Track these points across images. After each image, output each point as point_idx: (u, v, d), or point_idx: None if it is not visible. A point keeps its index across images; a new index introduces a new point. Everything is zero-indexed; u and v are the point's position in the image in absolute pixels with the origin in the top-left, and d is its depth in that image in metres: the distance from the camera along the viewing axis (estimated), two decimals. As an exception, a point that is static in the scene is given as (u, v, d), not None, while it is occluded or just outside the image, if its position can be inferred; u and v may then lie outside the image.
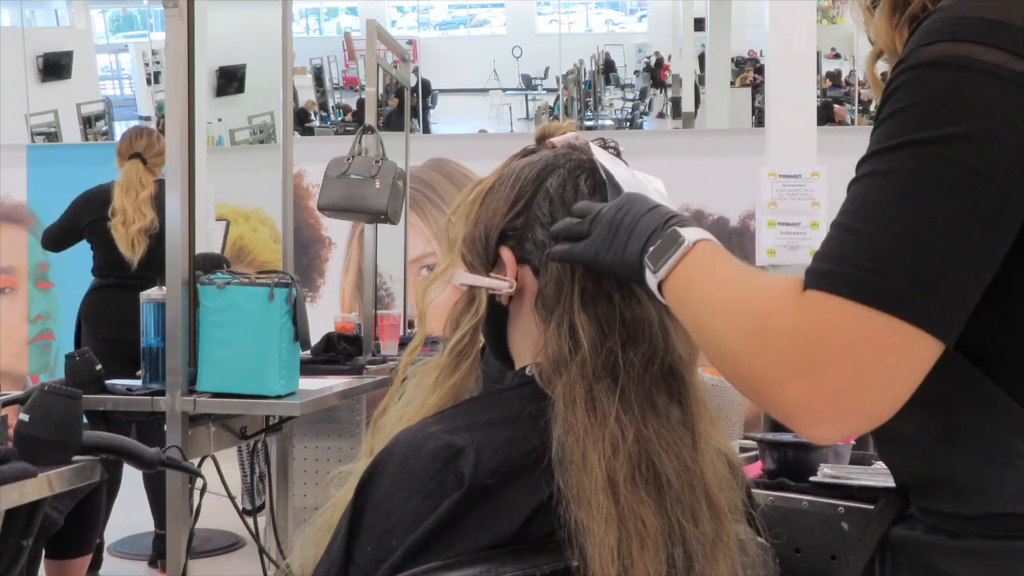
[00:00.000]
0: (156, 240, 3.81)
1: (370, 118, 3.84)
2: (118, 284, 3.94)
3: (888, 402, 0.76)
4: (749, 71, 12.18)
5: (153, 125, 10.70)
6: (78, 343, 4.01)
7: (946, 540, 0.84)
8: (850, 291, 0.75)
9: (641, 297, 1.07)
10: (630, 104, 13.97)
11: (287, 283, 2.57)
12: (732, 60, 10.86)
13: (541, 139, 1.20)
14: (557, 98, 12.65)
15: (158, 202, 3.81)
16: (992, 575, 0.81)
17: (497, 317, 1.14)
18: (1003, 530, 0.80)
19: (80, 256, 4.12)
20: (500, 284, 1.12)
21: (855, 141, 1.28)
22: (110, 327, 3.87)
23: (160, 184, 3.89)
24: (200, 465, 2.54)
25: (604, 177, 1.11)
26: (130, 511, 3.82)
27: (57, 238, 4.14)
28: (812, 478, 1.78)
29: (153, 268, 3.79)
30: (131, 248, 3.88)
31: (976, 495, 0.81)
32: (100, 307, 4.01)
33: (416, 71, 9.88)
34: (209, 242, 5.78)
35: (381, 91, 5.92)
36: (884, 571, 0.91)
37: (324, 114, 12.37)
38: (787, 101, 3.97)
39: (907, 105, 0.77)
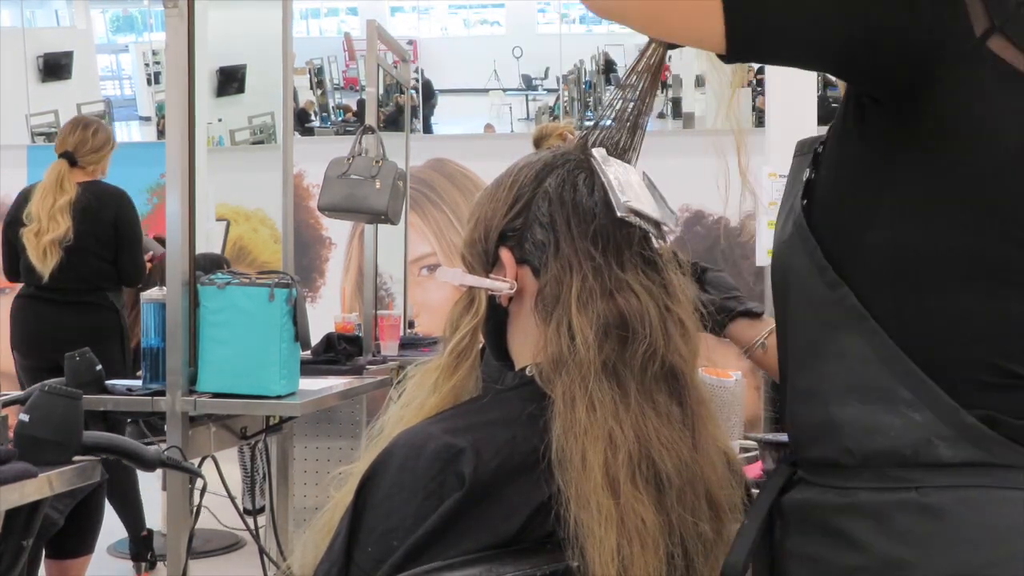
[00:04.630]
0: (71, 251, 3.54)
1: (370, 118, 3.84)
2: (35, 296, 3.64)
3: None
4: (750, 72, 12.16)
5: (153, 125, 10.71)
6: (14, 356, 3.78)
7: (836, 497, 0.90)
8: None
9: (641, 296, 1.08)
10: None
11: (287, 283, 2.56)
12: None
13: (539, 140, 1.21)
14: (557, 98, 12.64)
15: (77, 207, 3.55)
16: (874, 524, 0.87)
17: (497, 318, 1.14)
18: (881, 482, 0.87)
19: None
20: (500, 285, 1.12)
21: (855, 141, 1.28)
22: (28, 344, 3.63)
23: (85, 187, 3.60)
24: (200, 465, 2.54)
25: (603, 181, 1.11)
26: (130, 511, 3.83)
27: (5, 262, 3.74)
28: (812, 478, 1.77)
29: (71, 279, 3.57)
30: (42, 259, 3.52)
31: (865, 440, 0.88)
32: (18, 321, 3.69)
33: (419, 71, 9.88)
34: (209, 242, 5.78)
35: (381, 91, 5.92)
36: (775, 537, 0.98)
37: (324, 114, 12.36)
38: (787, 101, 3.96)
39: None
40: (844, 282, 0.91)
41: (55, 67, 10.14)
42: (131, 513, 3.78)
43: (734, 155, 1.11)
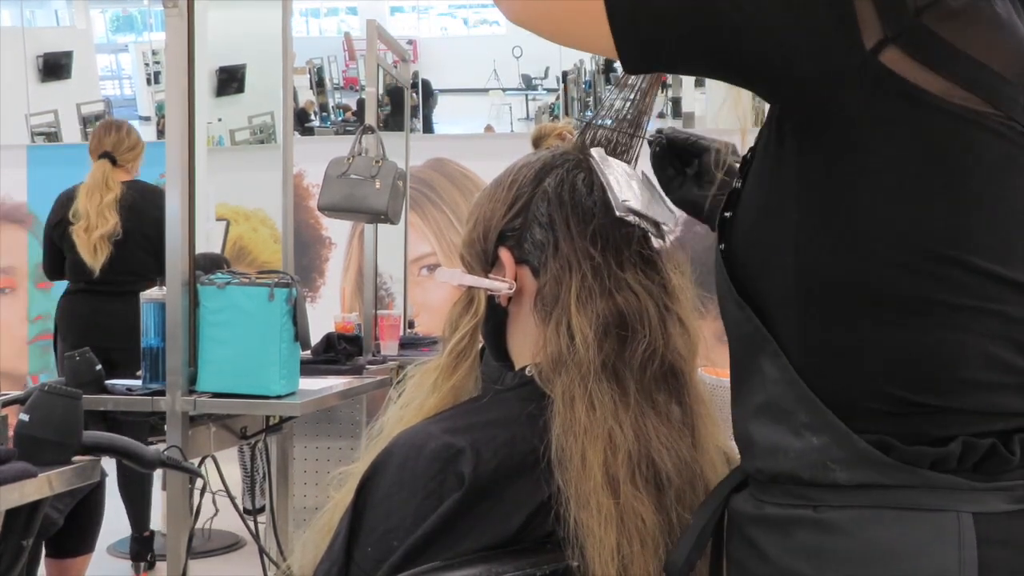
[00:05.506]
0: (119, 245, 3.71)
1: (370, 118, 3.84)
2: (86, 290, 3.80)
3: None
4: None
5: (153, 125, 10.71)
6: (56, 347, 3.93)
7: (753, 508, 0.92)
8: None
9: (640, 295, 1.08)
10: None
11: (287, 283, 2.56)
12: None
13: (537, 140, 1.21)
14: (557, 98, 12.65)
15: (124, 204, 3.72)
16: (778, 539, 0.88)
17: (496, 318, 1.14)
18: (785, 498, 0.88)
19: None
20: (499, 285, 1.12)
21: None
22: (78, 335, 3.72)
23: (129, 185, 3.78)
24: (200, 465, 2.54)
25: (602, 180, 1.11)
26: (131, 511, 3.83)
27: (47, 262, 3.95)
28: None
29: (120, 273, 3.72)
30: (93, 255, 3.70)
31: (770, 460, 0.89)
32: (69, 314, 3.87)
33: (416, 74, 9.88)
34: (209, 242, 5.77)
35: (381, 91, 5.92)
36: (722, 537, 0.98)
37: (324, 114, 12.36)
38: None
39: None
40: (758, 300, 0.90)
41: (55, 67, 10.14)
42: (139, 510, 3.80)
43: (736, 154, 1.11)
